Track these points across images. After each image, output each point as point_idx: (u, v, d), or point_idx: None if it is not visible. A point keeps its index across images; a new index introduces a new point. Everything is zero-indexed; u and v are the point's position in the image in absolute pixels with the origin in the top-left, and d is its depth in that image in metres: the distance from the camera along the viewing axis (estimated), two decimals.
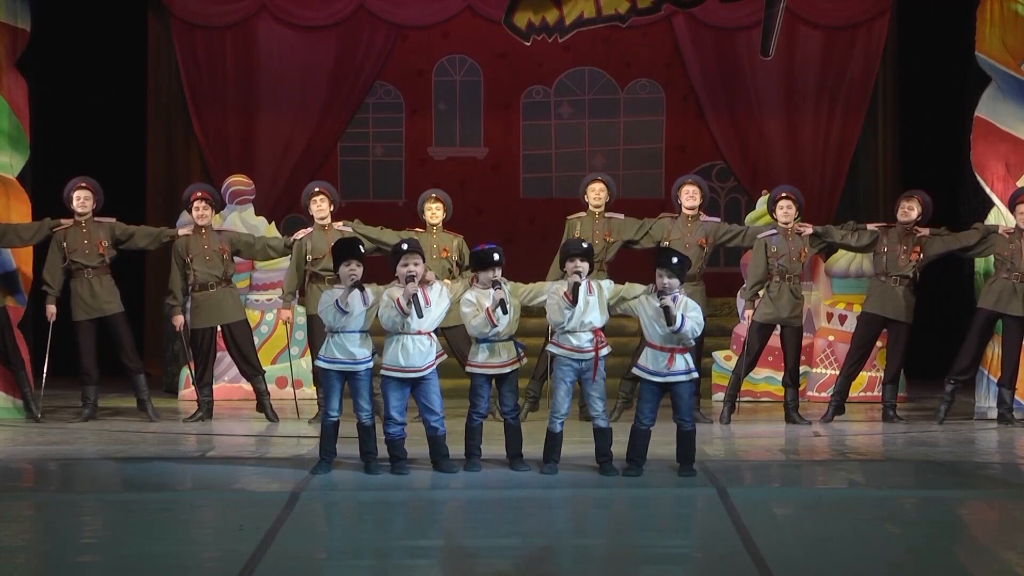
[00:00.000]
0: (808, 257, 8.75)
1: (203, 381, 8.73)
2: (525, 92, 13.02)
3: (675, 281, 6.19)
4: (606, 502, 5.80)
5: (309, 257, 8.60)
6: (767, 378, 10.01)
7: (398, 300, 6.19)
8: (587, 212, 8.93)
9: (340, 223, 8.77)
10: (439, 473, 6.27)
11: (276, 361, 10.49)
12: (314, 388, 8.99)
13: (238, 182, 10.78)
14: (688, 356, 6.22)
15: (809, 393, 10.27)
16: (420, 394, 6.32)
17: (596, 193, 8.90)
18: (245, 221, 10.43)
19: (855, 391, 9.55)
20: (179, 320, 8.70)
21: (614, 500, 5.83)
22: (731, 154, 12.65)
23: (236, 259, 8.93)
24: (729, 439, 7.99)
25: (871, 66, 12.39)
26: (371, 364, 6.35)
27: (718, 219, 8.96)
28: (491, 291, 6.32)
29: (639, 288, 6.41)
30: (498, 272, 6.37)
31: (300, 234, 8.73)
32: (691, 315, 6.17)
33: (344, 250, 6.40)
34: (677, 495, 5.88)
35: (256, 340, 9.69)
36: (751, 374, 10.07)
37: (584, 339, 6.29)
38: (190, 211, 8.80)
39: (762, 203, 10.52)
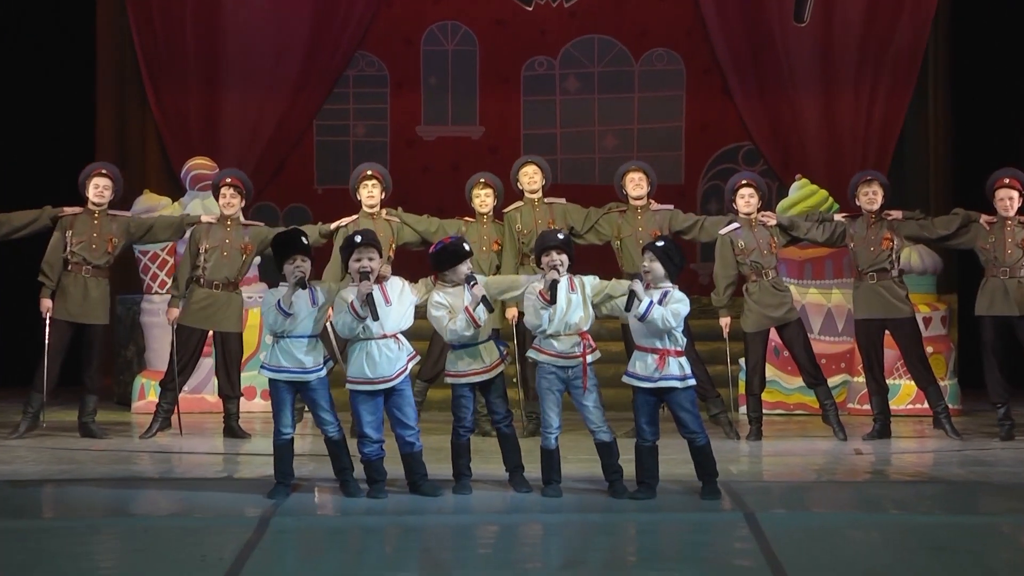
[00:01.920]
0: (779, 248, 8.73)
1: (171, 385, 8.73)
2: (526, 64, 13.04)
3: (656, 266, 6.19)
4: (616, 529, 5.81)
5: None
6: (800, 388, 10.01)
7: (351, 303, 6.17)
8: (524, 200, 8.96)
9: (385, 211, 8.82)
10: (422, 497, 6.26)
11: (244, 368, 10.48)
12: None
13: (200, 165, 10.80)
14: (683, 360, 6.22)
15: (850, 406, 10.28)
16: (391, 406, 6.32)
17: (529, 177, 8.93)
18: (208, 209, 10.39)
19: (901, 404, 9.57)
20: (174, 313, 8.70)
21: (625, 527, 5.83)
22: (760, 134, 12.66)
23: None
24: (757, 457, 8.00)
25: (920, 35, 12.40)
26: (323, 372, 6.32)
27: (671, 207, 8.96)
28: (463, 288, 6.31)
29: (627, 284, 6.38)
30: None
31: (345, 221, 8.76)
32: (673, 306, 6.15)
33: (286, 244, 6.36)
34: (698, 520, 5.88)
35: None
36: (780, 383, 10.09)
37: (568, 344, 6.30)
38: (217, 197, 8.83)
39: (796, 189, 10.55)
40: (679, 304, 6.19)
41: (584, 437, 6.62)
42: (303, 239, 6.37)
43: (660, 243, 6.27)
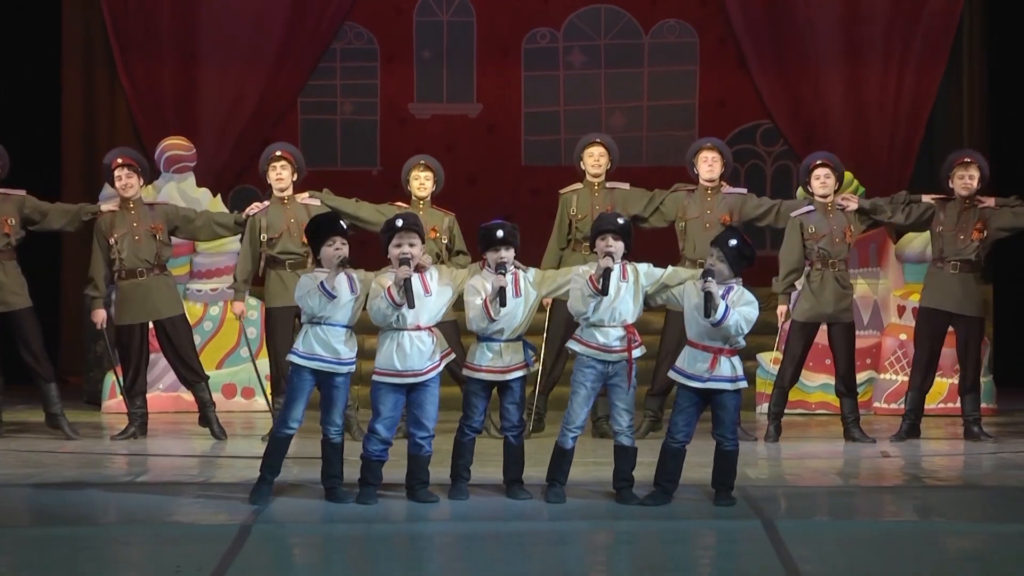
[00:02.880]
0: (855, 237, 8.72)
1: (134, 390, 8.74)
2: (527, 36, 13.02)
3: (723, 267, 6.18)
4: (626, 537, 5.81)
5: (264, 236, 8.59)
6: (823, 386, 10.02)
7: (388, 288, 6.20)
8: (584, 183, 8.93)
9: (305, 194, 8.76)
10: (416, 504, 6.26)
11: (223, 365, 10.52)
12: (269, 398, 8.98)
13: (176, 146, 10.79)
14: (736, 360, 6.22)
15: (876, 404, 10.29)
16: (413, 403, 6.33)
17: (595, 159, 8.88)
18: (184, 193, 10.44)
19: (932, 402, 9.56)
20: (100, 315, 8.70)
21: (636, 535, 5.83)
22: (780, 112, 12.65)
23: (174, 240, 8.91)
24: (776, 460, 8.00)
25: (954, 2, 12.38)
26: (352, 368, 6.35)
27: (744, 190, 8.95)
28: (498, 276, 6.31)
29: (685, 273, 6.40)
30: (506, 252, 6.34)
31: (254, 209, 8.73)
32: (742, 308, 6.15)
33: (324, 227, 6.39)
34: (713, 528, 5.89)
35: (198, 339, 9.72)
36: (802, 380, 10.08)
37: (613, 336, 6.29)
38: (112, 182, 8.79)
39: None
40: (751, 307, 6.18)
41: (591, 439, 6.61)
42: (341, 221, 6.41)
43: (732, 242, 6.22)
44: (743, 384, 6.23)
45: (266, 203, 8.72)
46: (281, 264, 8.56)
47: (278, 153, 8.71)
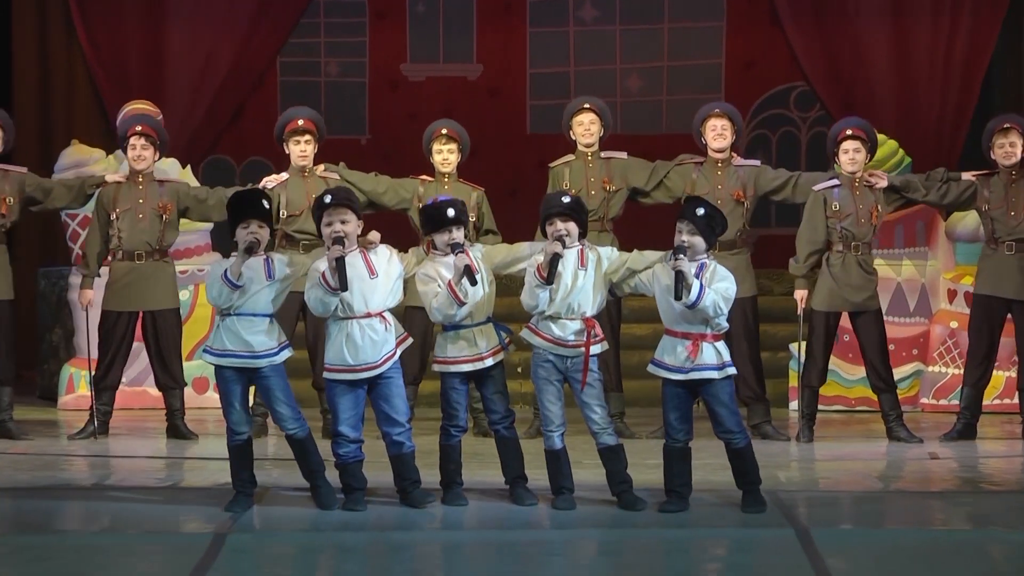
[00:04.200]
0: (881, 219, 8.67)
1: (104, 383, 8.76)
2: None
3: (697, 240, 6.19)
4: (641, 548, 5.83)
5: (283, 213, 8.64)
6: (864, 380, 10.01)
7: (323, 274, 6.20)
8: (576, 154, 8.94)
9: (321, 167, 8.80)
10: (409, 509, 6.28)
11: (194, 356, 10.52)
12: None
13: (140, 111, 10.77)
14: (721, 345, 6.22)
15: (923, 400, 10.30)
16: (378, 398, 6.34)
17: (585, 127, 8.88)
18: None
19: (987, 398, 9.56)
20: (88, 295, 8.73)
21: (651, 545, 5.84)
22: (816, 73, 12.63)
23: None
24: (811, 462, 8.01)
25: None
26: (278, 359, 6.32)
27: (757, 162, 8.95)
28: (452, 258, 6.33)
29: (653, 255, 6.37)
30: (458, 233, 6.35)
31: (272, 181, 8.76)
32: (718, 286, 6.15)
33: (241, 206, 6.38)
34: (739, 538, 5.89)
35: None
36: (840, 373, 10.08)
37: (570, 329, 6.30)
38: (125, 150, 8.83)
39: None
40: (726, 283, 6.19)
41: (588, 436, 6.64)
42: (263, 202, 6.39)
43: (700, 210, 6.24)
44: (731, 370, 6.23)
45: (284, 175, 8.76)
46: (296, 244, 8.58)
47: (300, 123, 8.73)
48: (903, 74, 12.51)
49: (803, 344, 8.82)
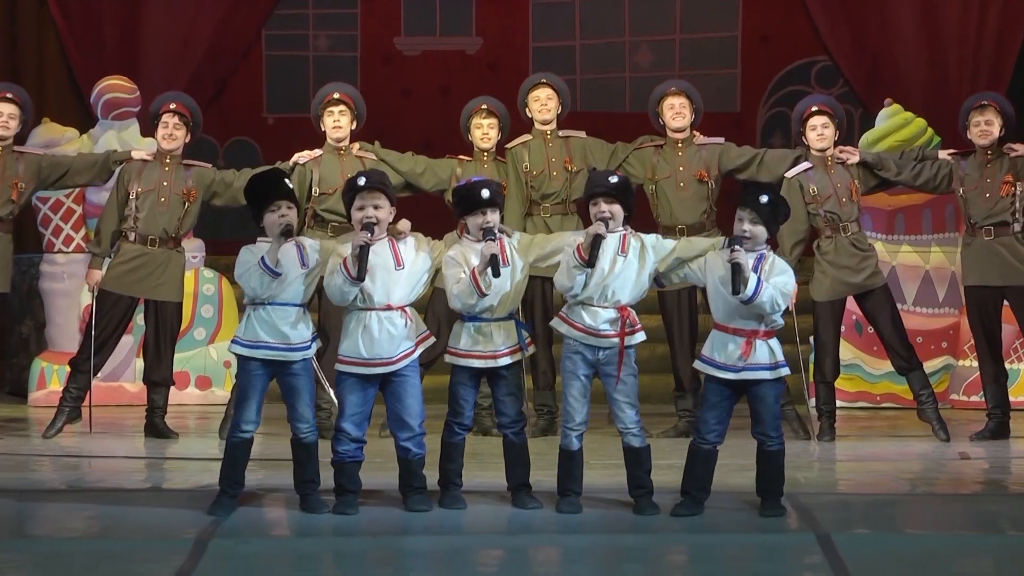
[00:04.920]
0: (861, 194, 8.67)
1: (84, 366, 8.77)
2: None
3: (759, 230, 6.18)
4: (653, 554, 5.82)
5: (316, 190, 8.70)
6: (889, 375, 10.04)
7: (344, 260, 6.22)
8: (533, 133, 9.01)
9: (357, 146, 8.88)
10: (405, 513, 6.28)
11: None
12: (327, 388, 8.97)
13: (116, 88, 10.80)
14: (774, 343, 6.22)
15: (953, 396, 10.32)
16: (391, 397, 6.35)
17: (541, 103, 8.99)
18: (126, 144, 10.43)
19: (1018, 394, 9.60)
20: (96, 276, 8.75)
21: (664, 551, 5.84)
22: (839, 47, 12.63)
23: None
24: (832, 462, 8.03)
25: None
26: (311, 351, 6.38)
27: (720, 140, 8.96)
28: (482, 245, 6.32)
29: (703, 243, 6.39)
30: (492, 216, 6.36)
31: (304, 157, 8.82)
32: (777, 280, 6.16)
33: (266, 189, 6.40)
34: (757, 544, 5.89)
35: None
36: (864, 368, 10.09)
37: (603, 317, 6.29)
38: (155, 128, 8.89)
39: (886, 117, 10.53)
40: (784, 277, 6.18)
41: (612, 437, 6.65)
42: (286, 181, 6.42)
43: (764, 198, 6.20)
44: (785, 371, 6.22)
45: (317, 151, 8.81)
46: (325, 225, 8.64)
47: (336, 96, 8.83)
48: (932, 48, 12.50)
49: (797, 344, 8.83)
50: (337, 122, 8.78)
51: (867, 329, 9.36)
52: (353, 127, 8.85)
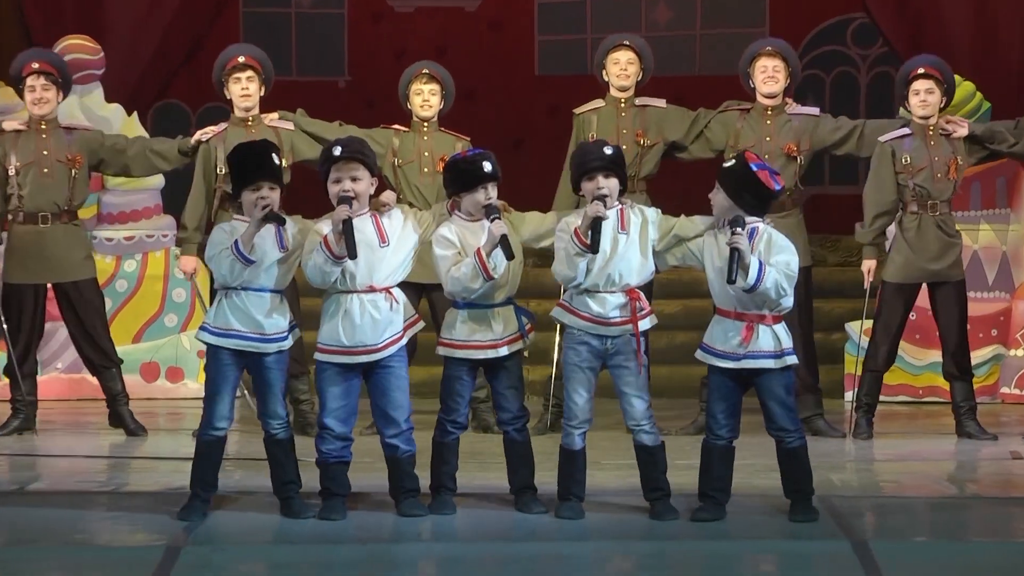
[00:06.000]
0: (962, 173, 8.64)
1: (22, 370, 8.78)
2: None
3: (721, 199, 6.18)
4: (669, 562, 5.83)
5: (222, 169, 8.59)
6: (933, 366, 10.04)
7: (325, 238, 6.21)
8: (607, 99, 8.96)
9: (274, 115, 8.82)
10: (397, 518, 6.28)
11: (142, 337, 10.56)
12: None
13: (77, 47, 10.78)
14: (780, 329, 6.21)
15: (1003, 390, 10.33)
16: (376, 389, 6.36)
17: (621, 67, 8.92)
18: (89, 110, 10.45)
19: None
20: None
21: (680, 560, 5.85)
22: (877, 2, 12.60)
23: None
24: (869, 463, 8.04)
25: None
26: (287, 343, 6.36)
27: (816, 110, 8.95)
28: (483, 223, 6.32)
29: (705, 221, 6.35)
30: (492, 191, 6.35)
31: (207, 133, 8.77)
32: (777, 260, 6.13)
33: (250, 160, 6.37)
34: (785, 552, 5.90)
35: (109, 304, 9.73)
36: (905, 357, 10.07)
37: (612, 303, 6.29)
38: (21, 93, 8.82)
39: None
40: (786, 255, 6.16)
41: (627, 435, 6.65)
42: (273, 156, 6.36)
43: (729, 163, 6.25)
44: (791, 359, 6.21)
45: (222, 125, 8.75)
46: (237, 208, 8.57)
47: (241, 60, 8.74)
48: (981, 5, 12.47)
49: (861, 324, 8.80)
50: (245, 89, 8.68)
51: (913, 316, 9.32)
52: (262, 93, 8.77)
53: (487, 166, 6.34)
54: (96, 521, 6.34)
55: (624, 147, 8.71)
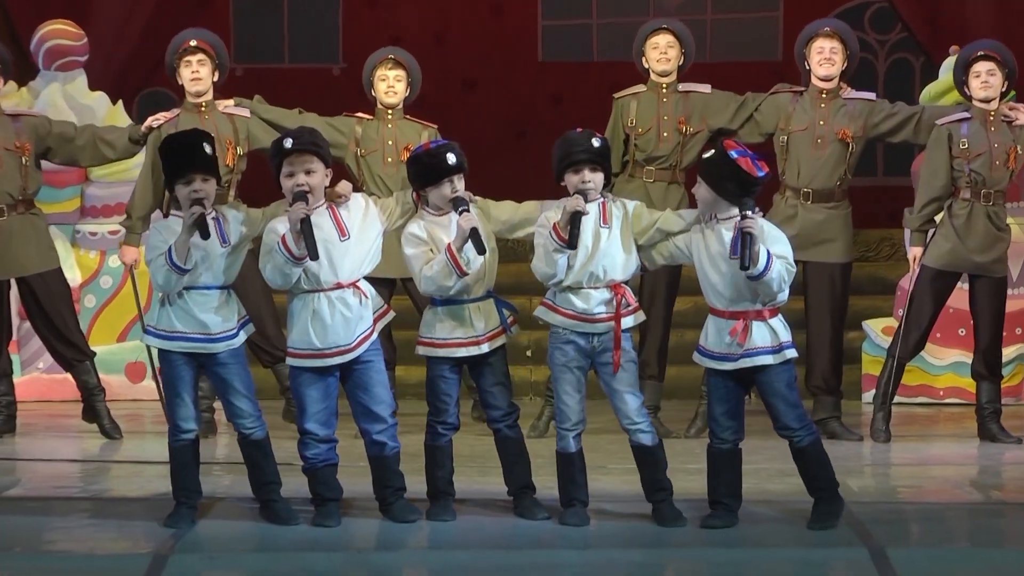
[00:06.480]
0: (1021, 162, 8.62)
1: None
2: None
3: (704, 192, 6.17)
4: (678, 572, 5.84)
5: None
6: (955, 366, 10.04)
7: (283, 237, 6.17)
8: (648, 85, 8.95)
9: (230, 102, 8.83)
10: (391, 523, 6.28)
11: (128, 336, 10.54)
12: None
13: (60, 33, 10.77)
14: (776, 323, 6.21)
15: None
16: (355, 387, 6.35)
17: (660, 51, 8.91)
18: (72, 99, 10.44)
19: None
20: None
21: (690, 568, 5.86)
22: None
23: (53, 165, 8.90)
24: (888, 467, 8.05)
25: None
26: (237, 340, 6.31)
27: (872, 95, 8.94)
28: (451, 217, 6.30)
29: (692, 215, 6.34)
30: (460, 184, 6.32)
31: (158, 119, 8.76)
32: (777, 250, 6.12)
33: (178, 156, 6.30)
34: (800, 560, 5.89)
35: (93, 301, 9.73)
36: (925, 357, 10.06)
37: (597, 299, 6.29)
38: None
39: (950, 68, 10.48)
40: (781, 246, 6.17)
41: (616, 433, 6.66)
42: (204, 146, 6.30)
43: (708, 153, 6.25)
44: (791, 353, 6.20)
45: (175, 111, 8.76)
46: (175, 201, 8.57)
47: (192, 43, 8.77)
48: None
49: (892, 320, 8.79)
50: (196, 73, 8.71)
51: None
52: (215, 79, 8.79)
53: (451, 158, 6.30)
54: (78, 528, 6.32)
55: (666, 135, 8.75)
